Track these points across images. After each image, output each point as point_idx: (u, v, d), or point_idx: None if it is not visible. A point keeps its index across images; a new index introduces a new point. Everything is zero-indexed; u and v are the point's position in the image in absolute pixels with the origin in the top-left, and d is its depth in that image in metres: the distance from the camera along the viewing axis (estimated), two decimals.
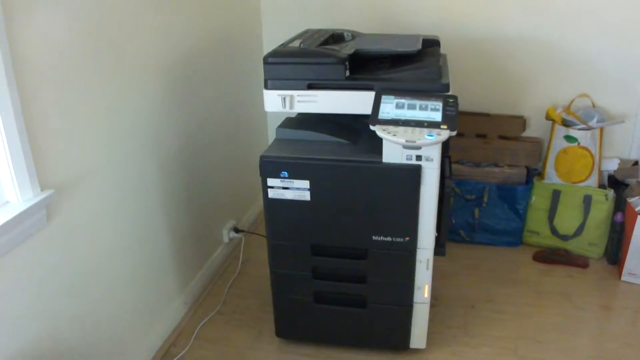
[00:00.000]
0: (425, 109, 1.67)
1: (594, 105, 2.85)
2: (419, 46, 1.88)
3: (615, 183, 2.84)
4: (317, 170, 1.79)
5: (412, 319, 2.00)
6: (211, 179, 2.55)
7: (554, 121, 2.81)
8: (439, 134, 1.59)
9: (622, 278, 2.59)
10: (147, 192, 2.03)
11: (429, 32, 2.80)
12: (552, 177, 2.83)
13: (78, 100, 1.61)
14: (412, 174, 1.74)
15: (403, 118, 1.65)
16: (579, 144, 2.73)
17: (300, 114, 2.11)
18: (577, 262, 2.73)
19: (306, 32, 2.16)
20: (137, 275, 2.01)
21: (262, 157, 1.81)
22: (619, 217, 2.67)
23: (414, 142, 1.58)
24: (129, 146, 1.89)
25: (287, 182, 1.81)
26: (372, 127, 1.65)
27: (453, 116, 1.65)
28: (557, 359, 2.09)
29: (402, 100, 1.70)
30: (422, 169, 1.73)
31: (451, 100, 1.69)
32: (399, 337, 2.03)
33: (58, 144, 1.54)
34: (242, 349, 2.16)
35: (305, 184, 1.80)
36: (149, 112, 2.00)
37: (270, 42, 3.07)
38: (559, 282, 2.59)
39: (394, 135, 1.59)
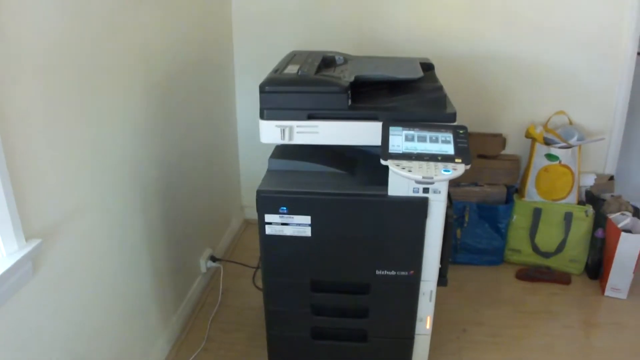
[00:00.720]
0: (436, 141, 1.61)
1: (570, 122, 2.88)
2: (421, 73, 1.82)
3: (592, 198, 2.87)
4: (320, 205, 1.70)
5: (413, 351, 1.93)
6: (187, 207, 2.42)
7: (534, 139, 2.81)
8: (454, 169, 1.53)
9: (606, 293, 2.62)
10: (130, 227, 1.90)
11: (405, 49, 2.78)
12: (532, 195, 2.83)
13: (61, 135, 1.47)
14: (419, 207, 1.68)
15: (415, 152, 1.58)
16: (560, 162, 2.74)
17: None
18: (560, 279, 2.74)
19: (294, 55, 2.07)
20: (122, 317, 1.87)
21: (259, 192, 1.71)
22: (599, 233, 2.69)
23: (431, 178, 1.51)
24: (111, 180, 1.75)
25: (287, 218, 1.71)
26: (383, 162, 1.58)
27: (465, 148, 1.60)
28: None
29: (412, 132, 1.63)
30: (429, 202, 1.67)
31: (461, 132, 1.64)
32: None
33: (42, 185, 1.40)
34: None
35: (306, 219, 1.71)
36: (129, 141, 1.87)
37: (242, 63, 2.99)
38: (544, 301, 2.59)
39: (409, 171, 1.52)
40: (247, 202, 3.29)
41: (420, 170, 1.53)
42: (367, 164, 1.87)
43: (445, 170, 1.53)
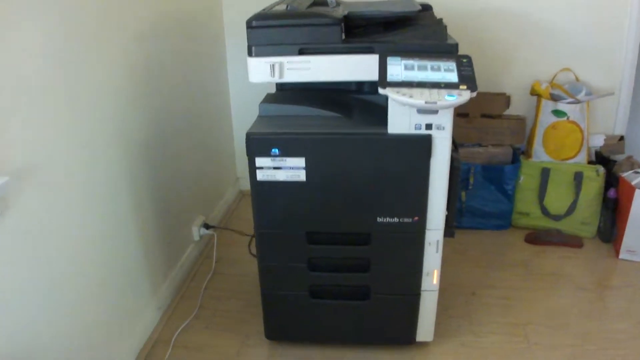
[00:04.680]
0: (438, 69, 1.48)
1: (577, 79, 2.74)
2: (418, 7, 1.68)
3: (602, 160, 2.74)
4: (314, 146, 1.57)
5: (420, 309, 1.80)
6: (177, 173, 2.30)
7: (539, 96, 2.68)
8: (460, 95, 1.40)
9: (620, 256, 2.48)
10: (114, 187, 1.77)
11: None
12: (540, 154, 2.70)
13: (36, 82, 1.35)
14: (422, 145, 1.54)
15: (416, 80, 1.45)
16: (568, 118, 2.61)
17: (280, 90, 1.89)
18: (571, 242, 2.61)
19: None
20: (106, 278, 1.74)
21: (249, 135, 1.58)
22: (612, 193, 2.56)
23: (435, 103, 1.38)
24: (92, 134, 1.62)
25: (279, 161, 1.58)
26: (381, 91, 1.45)
27: (470, 76, 1.46)
28: (574, 344, 1.93)
29: (411, 62, 1.50)
30: (433, 139, 1.54)
31: (465, 60, 1.51)
32: (405, 330, 1.84)
33: (11, 123, 1.27)
34: (228, 356, 1.92)
35: (300, 162, 1.58)
36: (112, 98, 1.74)
37: (232, 26, 2.87)
38: (556, 264, 2.46)
39: (410, 97, 1.39)
40: (242, 174, 3.16)
41: (422, 96, 1.39)
42: (365, 108, 1.75)
43: (449, 96, 1.39)
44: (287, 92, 1.87)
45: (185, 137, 2.37)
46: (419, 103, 1.38)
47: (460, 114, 2.73)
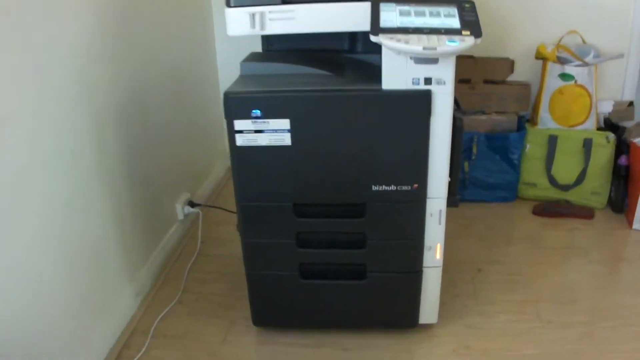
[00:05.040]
0: (438, 15, 1.29)
1: (584, 42, 2.56)
2: None
3: (611, 126, 2.57)
4: (300, 105, 1.39)
5: (422, 288, 1.63)
6: (158, 144, 2.11)
7: (545, 59, 2.50)
8: (462, 40, 1.21)
9: (634, 226, 2.32)
10: (81, 158, 1.58)
11: None
12: (546, 121, 2.52)
13: None
14: (420, 102, 1.37)
15: (412, 26, 1.26)
16: (575, 82, 2.43)
17: (267, 52, 1.70)
18: (582, 213, 2.44)
19: None
20: (74, 260, 1.56)
21: (227, 94, 1.40)
22: (623, 160, 2.40)
23: (434, 49, 1.19)
24: (55, 96, 1.43)
25: (261, 124, 1.40)
26: (373, 39, 1.26)
27: (474, 21, 1.28)
28: (588, 321, 1.77)
29: (407, 7, 1.31)
30: (433, 95, 1.36)
31: (467, 5, 1.32)
32: (407, 312, 1.67)
33: None
34: (212, 344, 1.75)
35: (285, 123, 1.39)
36: (82, 53, 1.56)
37: None
38: (566, 236, 2.29)
39: (406, 43, 1.20)
40: None
41: (420, 42, 1.21)
42: (358, 67, 1.57)
43: (450, 42, 1.21)
44: (274, 53, 1.69)
45: (166, 103, 2.18)
46: (416, 49, 1.20)
47: (462, 80, 2.55)
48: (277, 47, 1.72)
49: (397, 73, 1.34)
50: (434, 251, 1.57)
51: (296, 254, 1.58)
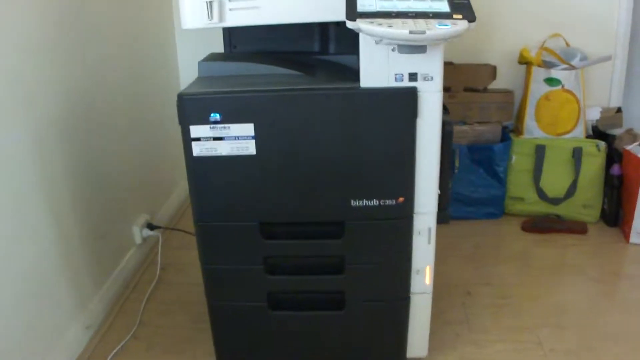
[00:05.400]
0: None
1: (567, 46, 2.42)
2: None
3: (600, 134, 2.43)
4: (266, 107, 1.19)
5: (410, 317, 1.42)
6: (112, 158, 1.90)
7: (529, 64, 2.36)
8: (454, 24, 1.03)
9: (631, 240, 2.16)
10: (16, 172, 1.37)
11: None
12: (532, 130, 2.37)
13: None
14: (405, 101, 1.18)
15: (395, 10, 1.07)
16: (563, 86, 2.29)
17: (228, 52, 1.51)
18: (574, 228, 2.28)
19: None
20: (17, 288, 1.34)
21: (180, 96, 1.19)
22: (615, 169, 2.24)
23: (423, 32, 1.00)
24: None
25: (221, 129, 1.19)
26: (350, 25, 1.07)
27: (466, 4, 1.10)
28: (596, 346, 1.58)
29: None
30: (419, 93, 1.17)
31: None
32: (393, 346, 1.46)
33: None
34: None
35: (248, 129, 1.19)
36: (19, 56, 1.34)
37: None
38: (559, 253, 2.13)
39: (389, 26, 1.01)
40: None
41: (406, 25, 1.02)
42: (332, 69, 1.38)
43: (441, 25, 1.02)
44: (237, 54, 1.50)
45: (121, 111, 1.97)
46: (401, 34, 1.01)
47: None
48: (240, 49, 1.53)
49: (377, 68, 1.15)
50: (423, 275, 1.37)
51: (264, 281, 1.37)
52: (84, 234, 1.70)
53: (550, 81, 2.30)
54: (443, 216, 1.35)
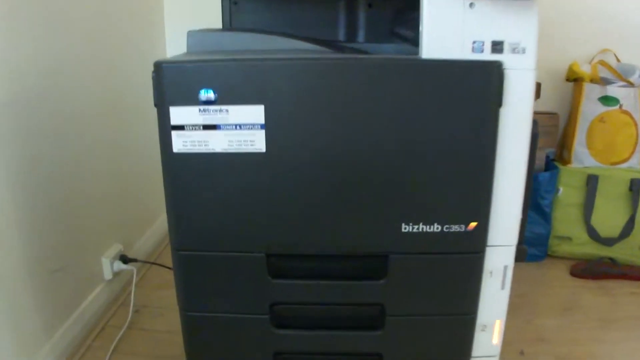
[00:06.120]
0: None
1: (618, 62, 2.11)
2: None
3: None
4: (285, 83, 0.81)
5: None
6: (79, 173, 1.53)
7: (580, 81, 2.02)
8: None
9: None
10: None
11: None
12: (583, 158, 2.02)
13: None
14: (485, 81, 0.81)
15: None
16: (620, 106, 1.95)
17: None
18: (631, 273, 1.92)
19: None
20: None
21: (158, 65, 0.82)
22: None
23: None
24: None
25: (215, 114, 0.82)
26: None
27: None
28: None
29: None
30: (505, 71, 0.80)
31: None
32: None
33: None
34: None
35: (257, 113, 0.81)
36: None
37: None
38: (624, 303, 1.78)
39: None
40: None
41: None
42: (362, 52, 1.02)
43: None
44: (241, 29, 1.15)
45: (94, 115, 1.61)
46: None
47: None
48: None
49: (446, 31, 0.79)
50: (491, 332, 0.98)
51: (270, 337, 0.97)
52: (33, 265, 1.31)
53: (607, 100, 1.96)
54: (520, 252, 0.97)
